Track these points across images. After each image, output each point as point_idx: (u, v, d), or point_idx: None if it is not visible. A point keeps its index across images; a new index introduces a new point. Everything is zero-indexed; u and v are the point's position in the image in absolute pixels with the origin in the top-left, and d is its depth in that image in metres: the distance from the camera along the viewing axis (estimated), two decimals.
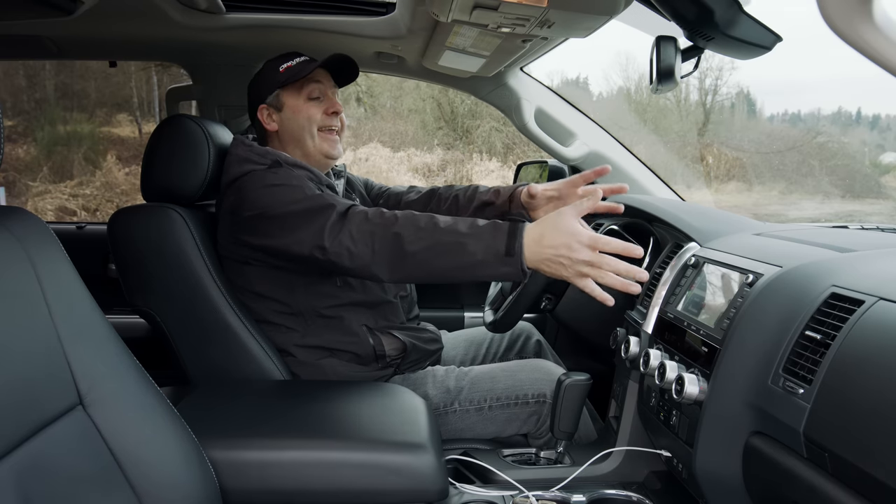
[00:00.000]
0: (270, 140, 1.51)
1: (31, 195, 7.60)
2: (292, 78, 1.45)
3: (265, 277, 1.40)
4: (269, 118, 1.49)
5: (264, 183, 1.33)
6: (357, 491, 1.04)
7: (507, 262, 1.13)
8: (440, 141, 9.14)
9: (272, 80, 1.48)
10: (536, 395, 1.44)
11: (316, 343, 1.41)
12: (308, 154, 1.48)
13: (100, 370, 0.85)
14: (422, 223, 1.19)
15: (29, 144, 8.05)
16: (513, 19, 1.30)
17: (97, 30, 1.80)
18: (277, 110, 1.48)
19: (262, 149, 1.43)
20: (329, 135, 1.49)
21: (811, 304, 0.91)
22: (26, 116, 8.10)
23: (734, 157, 8.98)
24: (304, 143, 1.47)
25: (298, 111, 1.47)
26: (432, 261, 1.17)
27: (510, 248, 1.13)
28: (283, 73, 1.47)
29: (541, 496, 1.24)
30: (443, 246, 1.16)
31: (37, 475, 0.74)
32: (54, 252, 0.86)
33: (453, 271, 1.17)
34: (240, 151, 1.42)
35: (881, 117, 9.92)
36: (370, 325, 1.44)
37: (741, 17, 1.10)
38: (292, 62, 1.49)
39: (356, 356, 1.42)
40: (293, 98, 1.47)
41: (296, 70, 1.46)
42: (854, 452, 0.75)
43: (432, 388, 1.44)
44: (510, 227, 1.15)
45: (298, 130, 1.47)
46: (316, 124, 1.47)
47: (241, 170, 1.39)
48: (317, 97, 1.48)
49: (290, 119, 1.47)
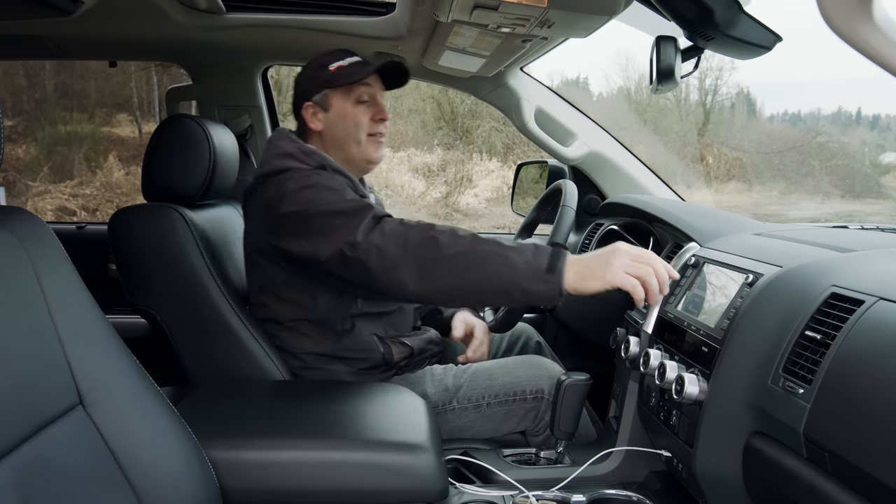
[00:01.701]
0: (312, 138, 1.46)
1: (31, 195, 7.60)
2: (343, 80, 1.40)
3: (290, 281, 1.37)
4: (314, 117, 1.44)
5: (307, 183, 1.29)
6: (357, 491, 1.04)
7: (547, 279, 1.10)
8: (440, 141, 9.14)
9: (321, 78, 1.42)
10: (534, 390, 1.44)
11: (327, 351, 1.40)
12: (351, 159, 1.44)
13: (100, 370, 0.85)
14: (460, 232, 1.17)
15: (29, 144, 8.05)
16: (513, 19, 1.30)
17: (97, 30, 1.80)
18: (324, 110, 1.43)
19: (308, 148, 1.39)
20: (376, 140, 1.45)
21: (811, 304, 0.91)
22: (26, 116, 8.10)
23: (734, 157, 8.98)
24: (349, 148, 1.43)
25: (346, 115, 1.42)
26: (467, 270, 1.13)
27: (552, 266, 1.11)
28: (333, 72, 1.41)
29: (541, 496, 1.24)
30: (480, 255, 1.13)
31: (37, 475, 0.74)
32: (54, 252, 0.86)
33: (487, 284, 1.13)
34: (285, 145, 1.38)
35: (881, 117, 9.93)
36: (380, 335, 1.43)
37: (741, 17, 1.10)
38: (343, 62, 1.43)
39: (364, 364, 1.41)
40: (341, 101, 1.42)
41: (348, 72, 1.41)
42: (854, 452, 0.75)
43: (431, 386, 1.45)
44: (554, 248, 1.14)
45: (344, 135, 1.43)
46: (364, 130, 1.43)
47: (283, 164, 1.35)
48: (366, 101, 1.43)
49: (336, 122, 1.43)
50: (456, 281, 1.14)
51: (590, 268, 1.12)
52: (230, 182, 1.62)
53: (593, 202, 2.13)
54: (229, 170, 1.58)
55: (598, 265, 1.12)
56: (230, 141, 1.59)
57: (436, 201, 8.53)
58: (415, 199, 8.56)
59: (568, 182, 1.55)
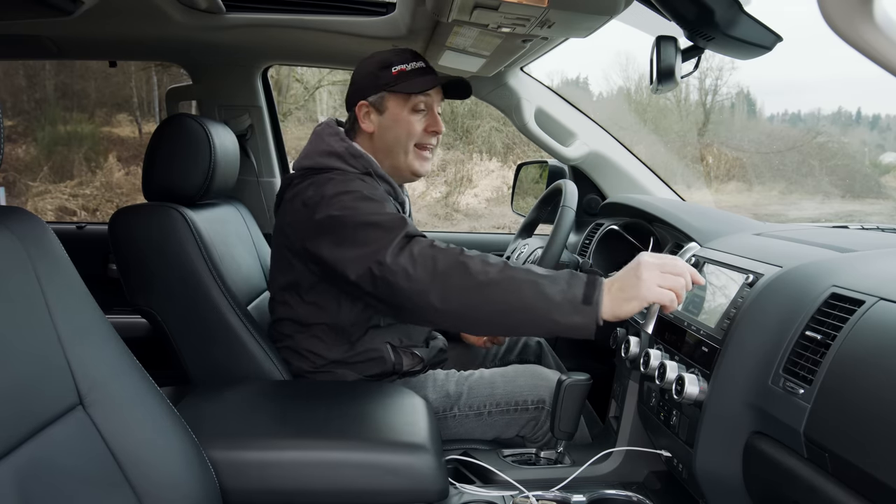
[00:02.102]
0: (361, 138, 1.42)
1: (31, 195, 7.60)
2: (404, 88, 1.36)
3: (317, 286, 1.34)
4: (366, 117, 1.40)
5: (347, 188, 1.27)
6: (357, 491, 1.04)
7: (583, 310, 1.07)
8: (440, 141, 9.13)
9: (381, 79, 1.37)
10: (535, 400, 1.44)
11: (338, 357, 1.38)
12: (397, 167, 1.41)
13: (100, 370, 0.85)
14: (491, 259, 1.13)
15: (29, 144, 8.05)
16: (513, 19, 1.30)
17: (97, 30, 1.80)
18: (378, 112, 1.39)
19: (357, 150, 1.36)
20: (424, 152, 1.42)
21: (811, 304, 0.91)
22: (26, 116, 8.10)
23: (734, 157, 8.98)
24: (397, 156, 1.40)
25: (400, 122, 1.38)
26: (498, 298, 1.09)
27: (588, 296, 1.07)
28: (395, 75, 1.36)
29: (541, 496, 1.24)
30: (514, 283, 1.09)
31: (37, 475, 0.74)
32: (54, 252, 0.86)
33: (519, 313, 1.09)
34: (334, 144, 1.35)
35: (881, 117, 9.93)
36: (394, 343, 1.41)
37: (741, 17, 1.10)
38: (407, 66, 1.37)
39: (373, 371, 1.40)
40: (398, 106, 1.38)
41: (409, 78, 1.36)
42: (854, 452, 0.75)
43: (432, 391, 1.44)
44: (589, 276, 1.10)
45: (394, 142, 1.39)
46: (414, 140, 1.39)
47: (328, 163, 1.33)
48: (422, 110, 1.39)
49: (389, 127, 1.39)
50: (483, 310, 1.11)
51: (623, 290, 1.08)
52: (230, 182, 1.62)
53: (593, 202, 2.13)
54: (230, 170, 1.58)
55: (631, 286, 1.08)
56: (230, 141, 1.59)
57: (436, 201, 8.53)
58: (415, 199, 8.55)
59: (568, 182, 1.55)
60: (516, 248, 1.88)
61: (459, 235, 2.94)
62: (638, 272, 1.08)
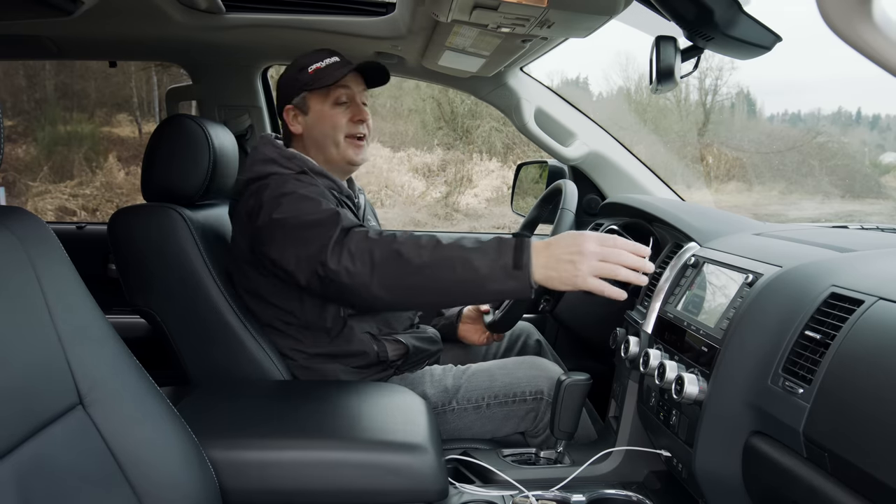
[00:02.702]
0: (295, 142, 1.47)
1: (31, 195, 7.60)
2: (319, 83, 1.40)
3: (276, 286, 1.37)
4: (294, 120, 1.45)
5: (283, 191, 1.30)
6: (357, 491, 1.04)
7: (515, 275, 1.11)
8: (440, 141, 9.14)
9: (300, 81, 1.42)
10: (534, 391, 1.44)
11: (320, 351, 1.40)
12: (331, 160, 1.44)
13: (100, 370, 0.85)
14: (423, 241, 1.17)
15: (29, 144, 8.05)
16: (513, 19, 1.30)
17: (97, 30, 1.80)
18: (303, 113, 1.44)
19: (290, 152, 1.40)
20: (355, 141, 1.44)
21: (811, 304, 0.91)
22: (26, 116, 8.10)
23: (734, 157, 8.98)
24: (328, 150, 1.44)
25: (324, 117, 1.42)
26: (434, 278, 1.14)
27: (518, 261, 1.11)
28: (311, 74, 1.41)
29: (541, 496, 1.24)
30: (446, 261, 1.14)
31: (37, 475, 0.74)
32: (54, 252, 0.86)
33: (457, 288, 1.14)
34: (267, 151, 1.40)
35: (881, 117, 9.93)
36: (374, 333, 1.43)
37: (741, 17, 1.10)
38: (322, 63, 1.42)
39: (359, 362, 1.41)
40: (319, 103, 1.43)
41: (324, 74, 1.41)
42: (854, 452, 0.75)
43: (430, 386, 1.44)
44: (517, 240, 1.14)
45: (322, 137, 1.43)
46: (342, 132, 1.43)
47: (264, 170, 1.37)
48: (344, 102, 1.43)
49: (315, 125, 1.43)
50: (424, 292, 1.16)
51: (557, 271, 1.11)
52: (230, 182, 1.62)
53: (593, 202, 2.13)
54: (229, 170, 1.58)
55: (566, 269, 1.11)
56: (230, 141, 1.59)
57: (436, 201, 8.53)
58: (415, 199, 8.56)
59: (568, 182, 1.55)
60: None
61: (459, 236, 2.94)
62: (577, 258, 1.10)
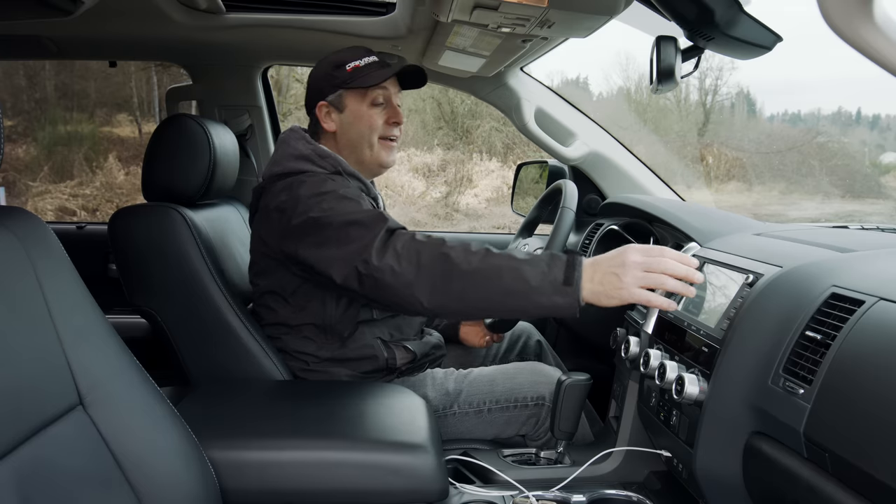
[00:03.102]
0: (325, 138, 1.44)
1: (31, 195, 7.60)
2: (360, 83, 1.38)
3: (301, 287, 1.35)
4: (327, 117, 1.42)
5: (321, 189, 1.27)
6: (357, 491, 1.04)
7: (564, 291, 1.08)
8: (440, 141, 9.14)
9: (337, 77, 1.39)
10: (535, 397, 1.44)
11: (330, 356, 1.39)
12: (363, 161, 1.43)
13: (100, 370, 0.85)
14: (473, 247, 1.15)
15: (29, 144, 8.05)
16: (513, 19, 1.30)
17: (97, 30, 1.80)
18: (338, 111, 1.41)
19: (323, 150, 1.37)
20: (389, 143, 1.43)
21: (811, 304, 0.90)
22: (26, 116, 8.10)
23: (734, 157, 8.98)
24: (362, 151, 1.42)
25: (361, 117, 1.40)
26: (481, 286, 1.11)
27: (569, 278, 1.09)
28: (349, 72, 1.39)
29: (541, 496, 1.24)
30: (494, 269, 1.11)
31: (37, 475, 0.74)
32: (54, 252, 0.86)
33: (503, 298, 1.11)
34: (300, 147, 1.37)
35: (881, 117, 9.93)
36: (384, 339, 1.42)
37: (741, 17, 1.10)
38: (360, 62, 1.40)
39: (367, 367, 1.40)
40: (356, 102, 1.40)
41: (364, 73, 1.38)
42: (854, 452, 0.75)
43: (431, 390, 1.44)
44: (569, 257, 1.12)
45: (358, 138, 1.41)
46: (377, 133, 1.41)
47: (297, 166, 1.34)
48: (381, 103, 1.41)
49: (350, 124, 1.41)
50: (469, 298, 1.12)
51: (603, 285, 1.09)
52: (230, 182, 1.62)
53: (593, 202, 2.13)
54: (229, 170, 1.58)
55: (611, 283, 1.09)
56: (230, 141, 1.59)
57: (436, 201, 8.53)
58: (415, 199, 8.56)
59: (568, 182, 1.55)
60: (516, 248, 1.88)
61: (459, 235, 2.94)
62: (620, 269, 1.09)
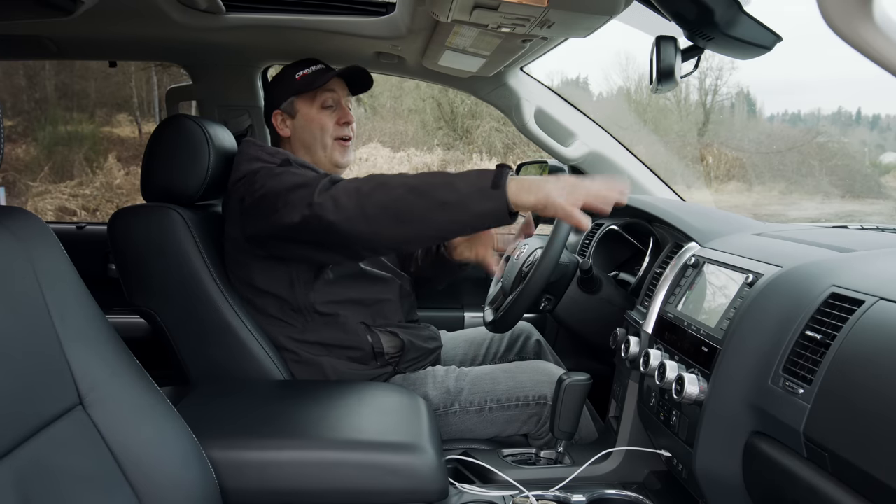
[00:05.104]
0: (283, 145, 1.55)
1: (31, 195, 7.59)
2: (307, 87, 1.49)
3: (265, 272, 1.40)
4: (282, 124, 1.53)
5: (273, 173, 1.35)
6: (357, 491, 1.04)
7: (492, 195, 1.13)
8: (440, 141, 9.14)
9: (288, 86, 1.52)
10: (537, 396, 1.44)
11: (314, 339, 1.41)
12: (318, 162, 1.52)
13: (100, 370, 0.85)
14: (407, 175, 1.22)
15: (29, 144, 8.05)
16: (513, 19, 1.30)
17: (97, 30, 1.80)
18: (291, 117, 1.53)
19: (272, 148, 1.47)
20: (342, 143, 1.53)
21: (811, 304, 0.91)
22: (26, 116, 8.09)
23: (734, 157, 8.97)
24: (316, 152, 1.52)
25: (311, 120, 1.51)
26: (417, 202, 1.16)
27: (496, 182, 1.14)
28: (298, 80, 1.51)
29: (541, 496, 1.24)
30: (427, 186, 1.17)
31: (37, 475, 0.74)
32: (54, 252, 0.86)
33: (440, 212, 1.16)
34: (251, 150, 1.45)
35: (881, 117, 9.92)
36: (368, 323, 1.45)
37: (741, 17, 1.10)
38: (308, 70, 1.52)
39: (354, 354, 1.42)
40: (307, 106, 1.51)
41: (311, 79, 1.50)
42: (854, 452, 0.75)
43: (432, 388, 1.44)
44: (497, 168, 1.18)
45: (311, 139, 1.52)
46: (329, 134, 1.51)
47: (250, 167, 1.41)
48: (330, 106, 1.52)
49: (303, 127, 1.52)
50: (409, 217, 1.17)
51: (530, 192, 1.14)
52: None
53: None
54: (229, 170, 1.58)
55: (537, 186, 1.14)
56: (230, 141, 1.59)
57: None
58: None
59: None
60: (516, 248, 1.88)
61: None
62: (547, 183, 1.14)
